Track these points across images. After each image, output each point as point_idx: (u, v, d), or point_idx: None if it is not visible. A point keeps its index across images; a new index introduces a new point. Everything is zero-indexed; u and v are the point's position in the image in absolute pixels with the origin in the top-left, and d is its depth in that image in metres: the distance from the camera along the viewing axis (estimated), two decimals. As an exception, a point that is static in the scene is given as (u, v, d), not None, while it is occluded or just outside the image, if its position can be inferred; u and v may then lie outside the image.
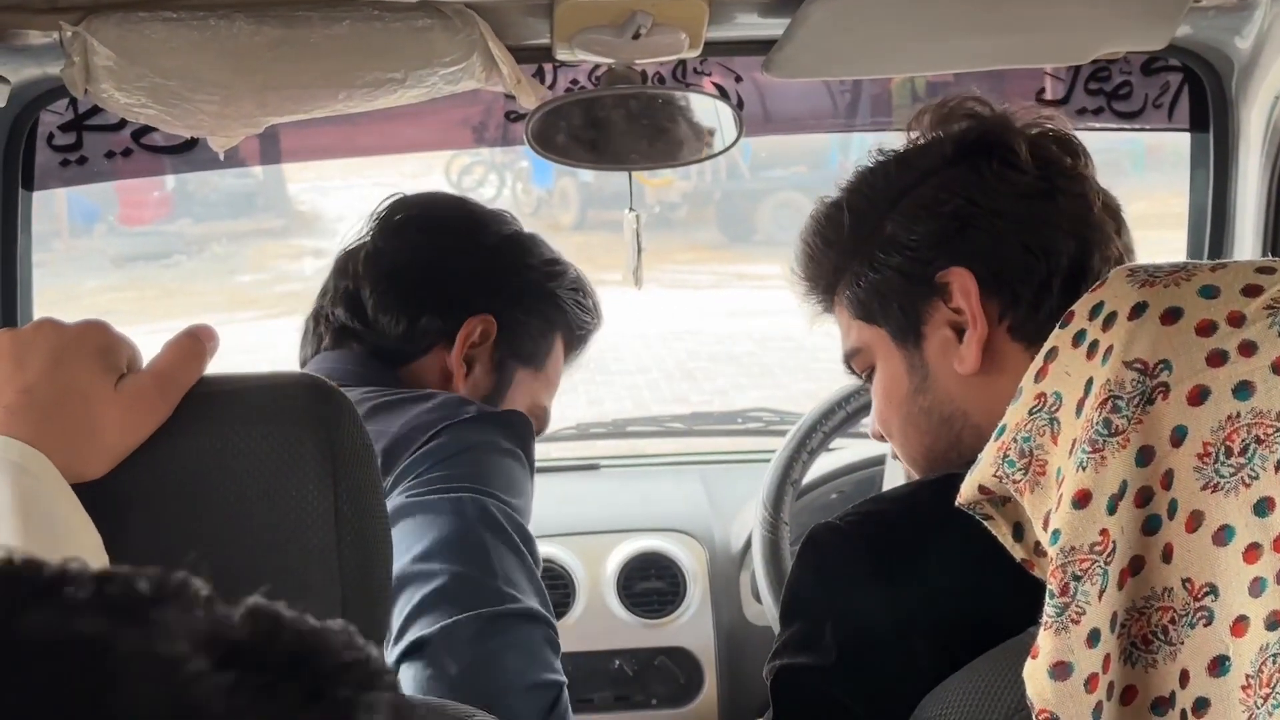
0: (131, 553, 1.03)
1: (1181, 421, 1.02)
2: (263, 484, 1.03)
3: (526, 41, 1.85)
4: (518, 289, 1.72)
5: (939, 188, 1.45)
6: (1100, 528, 1.03)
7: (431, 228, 1.80)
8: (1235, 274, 1.06)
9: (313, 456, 1.04)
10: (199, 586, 0.48)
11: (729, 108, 1.94)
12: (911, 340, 1.44)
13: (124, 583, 0.46)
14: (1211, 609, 1.01)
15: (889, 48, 1.84)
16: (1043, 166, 1.42)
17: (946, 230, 1.41)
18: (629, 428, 3.03)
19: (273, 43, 1.68)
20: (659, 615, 2.47)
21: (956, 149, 1.47)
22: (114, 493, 1.02)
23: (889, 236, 1.46)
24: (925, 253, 1.42)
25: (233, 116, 1.77)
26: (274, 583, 1.03)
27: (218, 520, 1.03)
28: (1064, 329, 1.10)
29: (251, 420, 1.04)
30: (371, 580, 1.08)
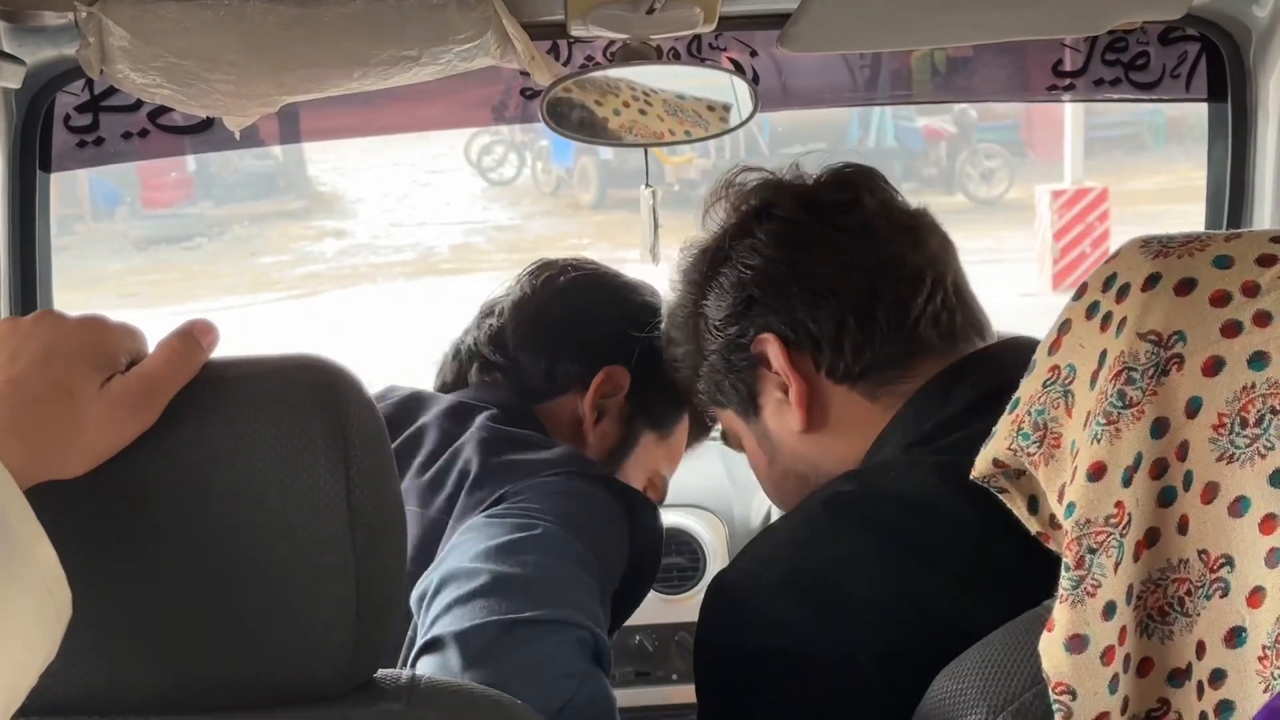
0: (139, 541, 1.03)
1: (1196, 393, 1.01)
2: (273, 469, 1.03)
3: (541, 18, 1.85)
4: (657, 352, 1.72)
5: (730, 265, 1.51)
6: (1115, 500, 1.02)
7: (580, 282, 1.83)
8: (1250, 244, 1.05)
9: (323, 439, 1.03)
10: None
11: (745, 82, 1.93)
12: (753, 413, 1.53)
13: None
14: (1228, 580, 1.00)
15: (905, 21, 1.83)
16: (815, 211, 1.50)
17: (741, 302, 1.49)
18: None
19: (287, 22, 1.68)
20: (679, 591, 2.47)
21: (738, 223, 1.54)
22: (121, 480, 1.02)
23: (706, 323, 1.53)
24: (733, 330, 1.49)
25: (248, 96, 1.77)
26: (286, 569, 1.04)
27: (227, 507, 1.02)
28: (1077, 301, 1.09)
29: (260, 405, 1.04)
30: (386, 566, 1.07)
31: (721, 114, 1.98)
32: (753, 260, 1.49)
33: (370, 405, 1.08)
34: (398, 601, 1.12)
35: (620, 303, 1.80)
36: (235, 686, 1.07)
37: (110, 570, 1.03)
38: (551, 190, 15.85)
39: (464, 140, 15.97)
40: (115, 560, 1.03)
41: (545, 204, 15.54)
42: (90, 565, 1.01)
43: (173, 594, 1.04)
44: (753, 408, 1.52)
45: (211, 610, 1.04)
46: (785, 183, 1.55)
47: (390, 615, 1.10)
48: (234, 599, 1.04)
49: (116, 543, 1.03)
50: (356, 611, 1.05)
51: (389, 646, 1.12)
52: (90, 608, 1.00)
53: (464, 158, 16.17)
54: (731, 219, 1.55)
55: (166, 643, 1.05)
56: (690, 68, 2.00)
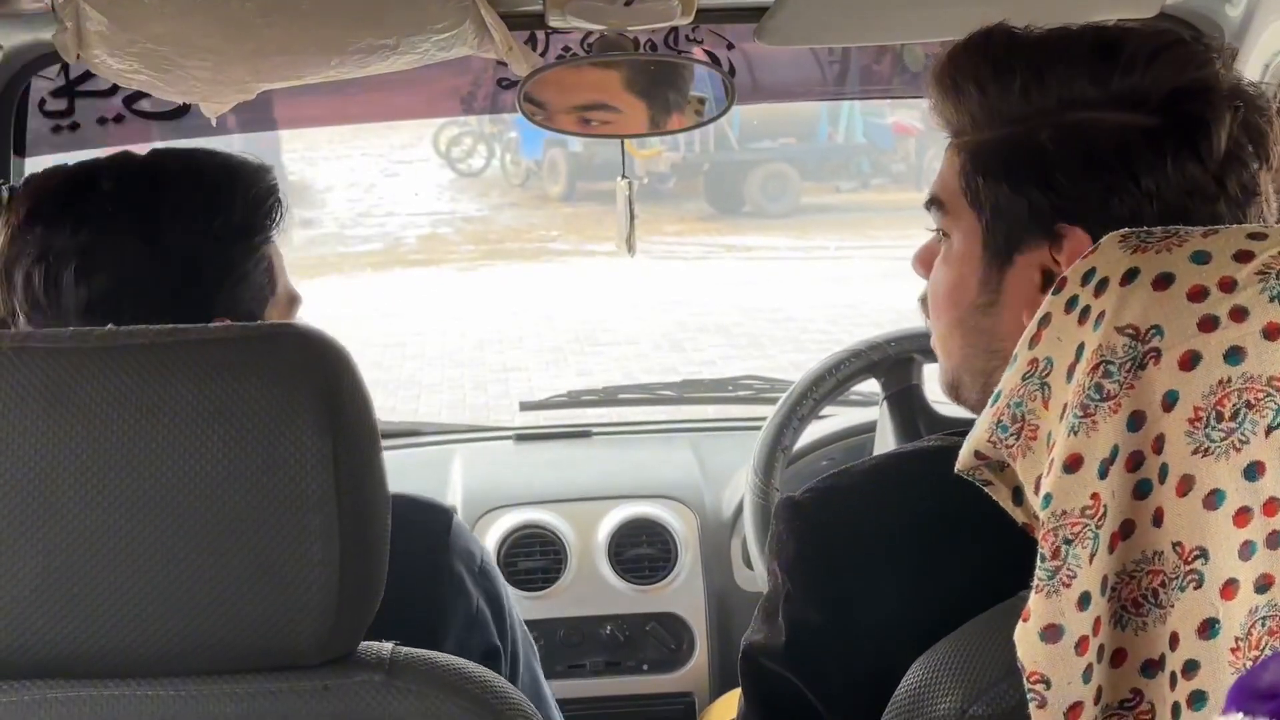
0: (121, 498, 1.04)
1: (1173, 386, 1.02)
2: (261, 430, 1.04)
3: (519, 8, 1.85)
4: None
5: (1120, 144, 1.25)
6: (1091, 491, 1.03)
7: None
8: (1227, 239, 1.06)
9: (311, 404, 1.05)
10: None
11: (721, 75, 1.94)
12: (1000, 257, 1.31)
13: None
14: (1202, 572, 1.01)
15: (880, 15, 1.84)
16: (1226, 159, 1.26)
17: (1099, 188, 1.24)
18: (621, 395, 3.03)
19: (265, 9, 1.68)
20: (650, 581, 2.49)
21: (1163, 106, 1.26)
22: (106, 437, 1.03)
23: (1044, 148, 1.28)
24: (1067, 194, 1.25)
25: (225, 83, 1.77)
26: (270, 530, 1.04)
27: (216, 465, 1.04)
28: (1056, 295, 1.10)
29: (250, 368, 1.05)
30: (370, 527, 1.08)
31: (697, 106, 1.99)
32: (1149, 171, 1.26)
33: (357, 373, 1.09)
34: (381, 570, 1.12)
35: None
36: (216, 649, 1.08)
37: (92, 528, 1.04)
38: (520, 182, 15.81)
39: (433, 130, 15.91)
40: (97, 518, 1.04)
41: (514, 195, 15.51)
42: (72, 523, 1.02)
43: (154, 553, 1.05)
44: (1004, 254, 1.36)
45: (193, 570, 1.05)
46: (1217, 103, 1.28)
47: (374, 583, 1.11)
48: (217, 559, 1.05)
49: (99, 500, 1.04)
50: (340, 575, 1.06)
51: (370, 615, 1.13)
52: (72, 566, 1.00)
53: (433, 148, 16.12)
54: (1154, 96, 1.28)
55: (147, 603, 1.06)
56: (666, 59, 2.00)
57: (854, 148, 14.94)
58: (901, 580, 1.25)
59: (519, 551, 2.47)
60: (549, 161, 15.01)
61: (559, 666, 2.44)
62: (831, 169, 14.86)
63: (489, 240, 13.70)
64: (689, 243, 12.71)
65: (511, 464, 2.72)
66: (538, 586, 2.47)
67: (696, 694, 2.51)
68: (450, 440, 2.81)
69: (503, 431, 2.85)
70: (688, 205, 13.91)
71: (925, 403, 2.19)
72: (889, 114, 14.56)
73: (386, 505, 1.11)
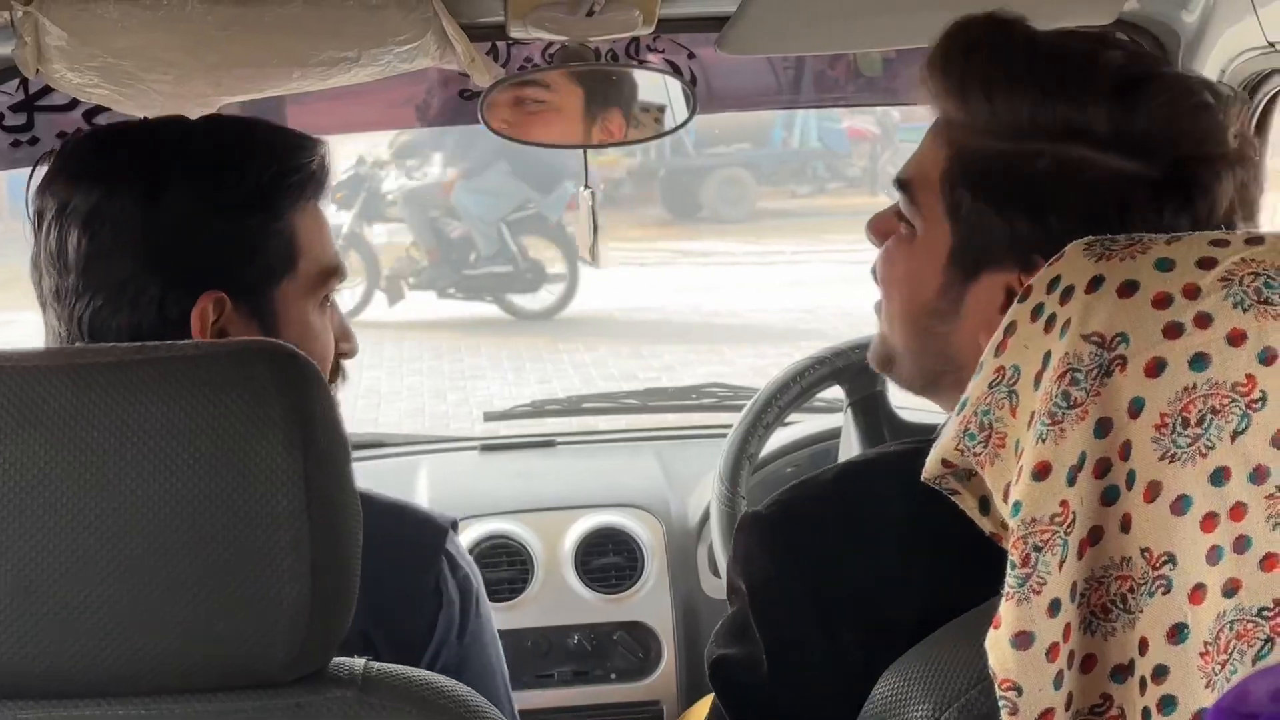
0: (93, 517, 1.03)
1: (1139, 393, 1.02)
2: (231, 449, 1.04)
3: (480, 20, 1.85)
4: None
5: (1123, 198, 1.23)
6: (1060, 499, 1.03)
7: None
8: (1190, 247, 1.06)
9: (281, 422, 1.05)
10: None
11: (682, 84, 1.94)
12: (966, 270, 1.28)
13: None
14: (1170, 578, 1.02)
15: (843, 23, 1.84)
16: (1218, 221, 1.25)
17: (1090, 233, 1.12)
18: (585, 404, 3.04)
19: (226, 21, 1.67)
20: (617, 590, 2.48)
21: (1172, 163, 1.23)
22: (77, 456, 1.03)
23: (1041, 180, 1.24)
24: (1056, 234, 1.18)
25: (186, 96, 1.76)
26: (240, 547, 1.04)
27: (186, 483, 1.03)
28: (1022, 303, 1.10)
29: (220, 385, 1.05)
30: (342, 548, 1.08)
31: (657, 115, 1.99)
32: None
33: (328, 391, 1.09)
34: (351, 587, 1.12)
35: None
36: (188, 668, 1.08)
37: (62, 548, 1.04)
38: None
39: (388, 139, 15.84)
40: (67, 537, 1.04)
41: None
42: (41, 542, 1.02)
43: (125, 572, 1.05)
44: (970, 265, 1.32)
45: (164, 589, 1.05)
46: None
47: (345, 600, 1.11)
48: (188, 578, 1.05)
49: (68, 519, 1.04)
50: (311, 591, 1.06)
51: (343, 631, 1.13)
52: (42, 586, 1.00)
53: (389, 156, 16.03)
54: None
55: (118, 622, 1.05)
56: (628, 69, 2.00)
57: (809, 152, 14.92)
58: (878, 588, 1.25)
59: (486, 562, 2.46)
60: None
61: (527, 677, 2.43)
62: (787, 174, 14.85)
63: (447, 248, 13.63)
64: (646, 248, 12.68)
65: (477, 475, 2.72)
66: (505, 597, 2.46)
67: (665, 702, 2.51)
68: (415, 451, 2.81)
69: (468, 442, 2.85)
70: (644, 211, 13.87)
71: (890, 409, 2.19)
72: (844, 118, 14.57)
73: (358, 521, 1.10)
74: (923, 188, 1.31)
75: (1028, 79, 1.24)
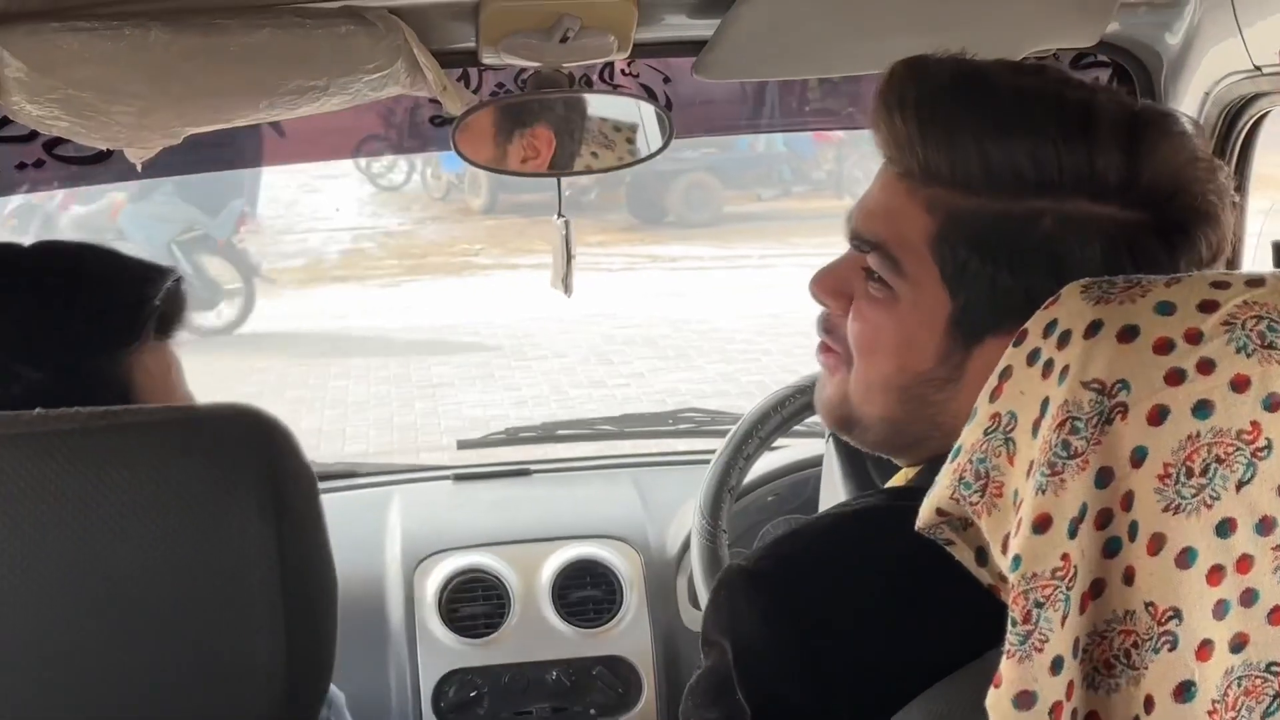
0: (62, 589, 1.00)
1: (1141, 442, 1.00)
2: (201, 518, 1.01)
3: (451, 46, 1.83)
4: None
5: (1134, 248, 1.21)
6: (1062, 552, 1.00)
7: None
8: (1190, 289, 1.03)
9: (253, 490, 1.01)
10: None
11: (658, 109, 1.91)
12: (970, 336, 1.25)
13: None
14: (1176, 633, 0.99)
15: (820, 48, 1.82)
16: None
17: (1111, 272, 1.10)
18: (559, 431, 3.00)
19: (190, 51, 1.64)
20: (595, 624, 2.45)
21: (1174, 213, 1.22)
22: (45, 528, 0.99)
23: (1051, 237, 1.21)
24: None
25: (150, 127, 1.73)
26: (213, 621, 1.00)
27: (153, 558, 1.00)
28: (1017, 347, 1.07)
29: (187, 452, 1.01)
30: (318, 618, 1.05)
31: (632, 141, 1.96)
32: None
33: (302, 457, 1.06)
34: (329, 660, 1.09)
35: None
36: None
37: (28, 626, 1.00)
38: (442, 195, 15.73)
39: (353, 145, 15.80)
40: (32, 615, 1.00)
41: (436, 209, 15.44)
42: (6, 620, 0.98)
43: (92, 650, 1.01)
44: (974, 333, 1.28)
45: (133, 667, 1.02)
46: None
47: (323, 674, 1.08)
48: (158, 656, 1.02)
49: (33, 597, 1.00)
50: (287, 669, 1.03)
51: (320, 707, 1.10)
52: (7, 664, 0.97)
53: (353, 163, 16.01)
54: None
55: (86, 702, 1.02)
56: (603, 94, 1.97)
57: (775, 156, 14.98)
58: (875, 646, 1.21)
59: (461, 596, 2.43)
60: (470, 175, 14.93)
61: (505, 714, 2.40)
62: (753, 177, 14.91)
63: (412, 255, 13.63)
64: (613, 254, 12.70)
65: (451, 505, 2.68)
66: (481, 633, 2.43)
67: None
68: (388, 482, 2.76)
69: (441, 471, 2.81)
70: (610, 216, 13.90)
71: None
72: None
73: (334, 588, 1.07)
74: (904, 250, 1.26)
75: (1023, 124, 1.19)
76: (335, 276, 12.88)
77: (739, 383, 8.75)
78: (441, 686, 2.40)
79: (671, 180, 13.97)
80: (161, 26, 1.62)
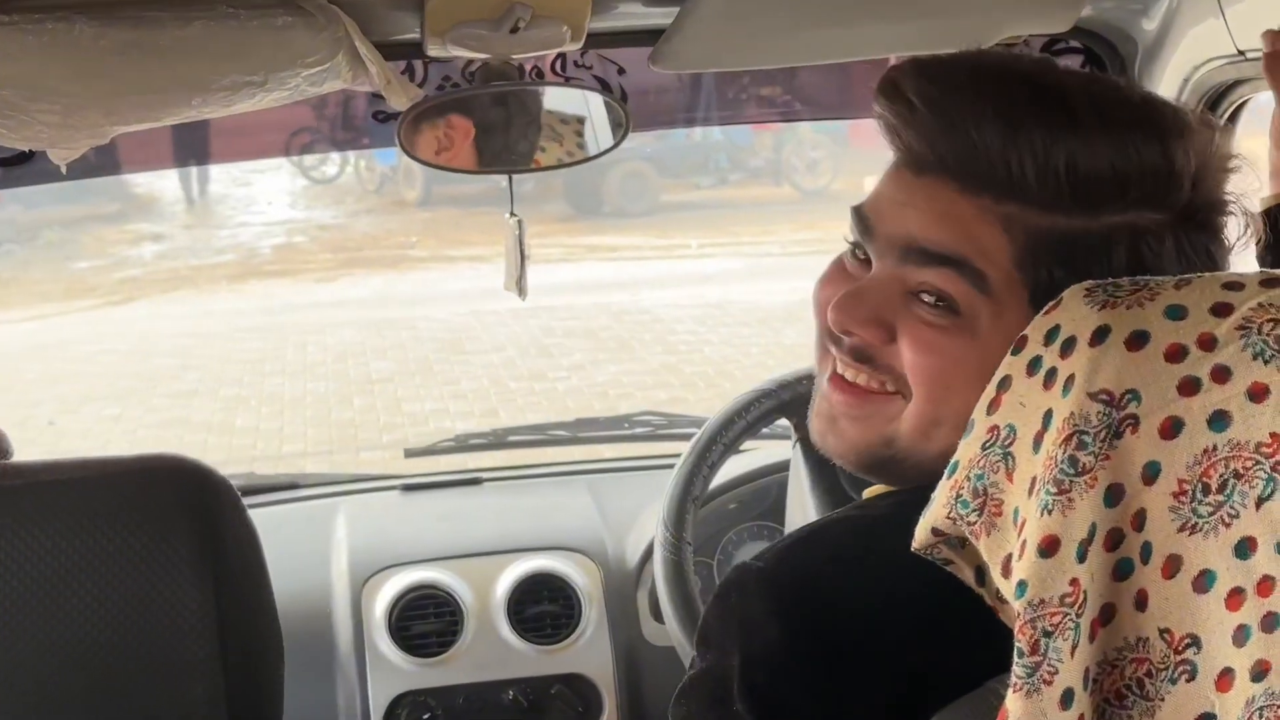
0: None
1: (1154, 457, 0.94)
2: (132, 586, 0.92)
3: (395, 38, 1.77)
4: None
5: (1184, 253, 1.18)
6: (1070, 577, 0.95)
7: None
8: (1201, 291, 0.98)
9: (188, 552, 0.92)
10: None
11: (614, 101, 1.84)
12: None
13: None
14: (1194, 662, 0.94)
15: (784, 36, 1.77)
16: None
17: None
18: (511, 437, 2.93)
19: (119, 47, 1.58)
20: (553, 640, 2.39)
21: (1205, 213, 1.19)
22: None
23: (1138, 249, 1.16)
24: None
25: (76, 127, 1.67)
26: (149, 701, 0.91)
27: (81, 630, 0.90)
28: (1016, 355, 1.02)
29: (115, 512, 0.92)
30: (262, 692, 0.96)
31: (586, 135, 1.90)
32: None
33: (242, 511, 0.97)
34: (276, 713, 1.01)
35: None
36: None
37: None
38: (376, 188, 15.64)
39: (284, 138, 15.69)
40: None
41: (369, 202, 15.36)
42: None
43: (28, 711, 0.91)
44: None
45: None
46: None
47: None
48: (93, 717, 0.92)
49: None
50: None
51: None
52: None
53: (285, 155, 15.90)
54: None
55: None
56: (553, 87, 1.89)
57: (712, 144, 15.02)
58: (895, 660, 1.13)
59: (412, 614, 2.36)
60: (404, 167, 14.86)
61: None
62: (690, 166, 14.95)
63: (346, 248, 13.56)
64: (550, 244, 12.66)
65: (399, 518, 2.60)
66: (433, 652, 2.36)
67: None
68: (332, 493, 2.68)
69: (388, 482, 2.73)
70: (547, 207, 13.85)
71: None
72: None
73: (280, 656, 0.98)
74: (991, 268, 1.15)
75: (1105, 136, 1.12)
76: (268, 272, 12.77)
77: (682, 374, 8.73)
78: (393, 710, 2.33)
79: (608, 170, 13.96)
80: (87, 20, 1.55)
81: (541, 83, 1.87)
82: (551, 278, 11.49)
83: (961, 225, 1.15)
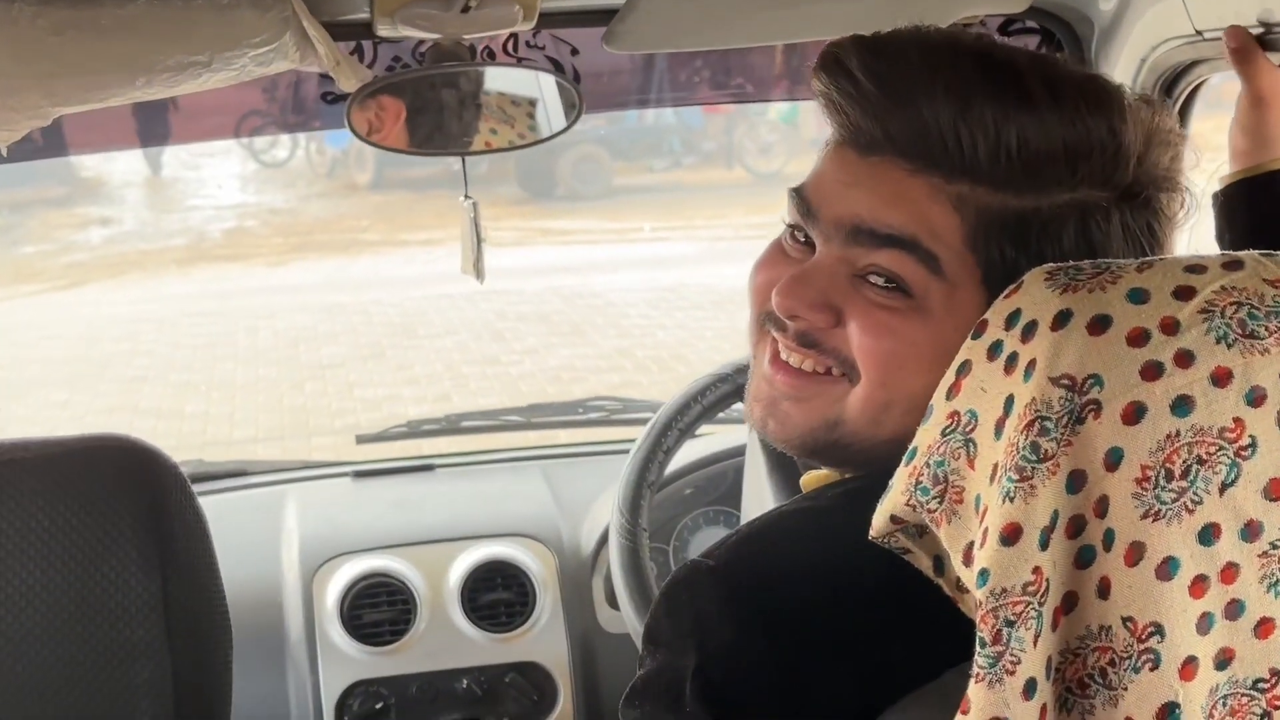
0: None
1: (1116, 443, 0.93)
2: (75, 569, 0.89)
3: (343, 17, 1.75)
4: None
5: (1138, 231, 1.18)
6: (1033, 565, 0.94)
7: None
8: (1164, 274, 0.97)
9: (133, 533, 0.90)
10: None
11: (567, 82, 1.82)
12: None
13: None
14: (1158, 651, 0.93)
15: (740, 16, 1.76)
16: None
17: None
18: (464, 423, 2.90)
19: (58, 26, 1.57)
20: (507, 628, 2.37)
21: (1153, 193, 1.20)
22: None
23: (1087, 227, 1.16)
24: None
25: (15, 108, 1.65)
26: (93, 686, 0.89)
27: (20, 615, 0.88)
28: (977, 339, 1.00)
29: (57, 494, 0.89)
30: (210, 677, 0.94)
31: (539, 117, 1.88)
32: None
33: (189, 491, 0.94)
34: (224, 707, 0.98)
35: None
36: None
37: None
38: (327, 171, 15.55)
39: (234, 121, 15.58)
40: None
41: (321, 185, 15.27)
42: None
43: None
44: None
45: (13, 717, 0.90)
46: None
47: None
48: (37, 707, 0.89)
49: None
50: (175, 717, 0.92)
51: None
52: None
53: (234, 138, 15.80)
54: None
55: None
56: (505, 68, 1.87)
57: (664, 127, 15.01)
58: (852, 655, 1.11)
59: (364, 603, 2.34)
60: (355, 150, 14.78)
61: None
62: (643, 149, 14.94)
63: (297, 232, 13.49)
64: (503, 227, 12.63)
65: (351, 505, 2.58)
66: (386, 640, 2.34)
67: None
68: (282, 480, 2.65)
69: (339, 468, 2.70)
70: (500, 190, 13.82)
71: None
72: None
73: (228, 641, 0.96)
74: (941, 248, 1.14)
75: (1056, 114, 1.11)
76: (219, 256, 12.69)
77: (635, 358, 8.72)
78: (345, 699, 2.31)
79: (561, 153, 13.93)
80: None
81: (493, 63, 1.85)
82: (504, 261, 11.45)
83: (912, 205, 1.14)
